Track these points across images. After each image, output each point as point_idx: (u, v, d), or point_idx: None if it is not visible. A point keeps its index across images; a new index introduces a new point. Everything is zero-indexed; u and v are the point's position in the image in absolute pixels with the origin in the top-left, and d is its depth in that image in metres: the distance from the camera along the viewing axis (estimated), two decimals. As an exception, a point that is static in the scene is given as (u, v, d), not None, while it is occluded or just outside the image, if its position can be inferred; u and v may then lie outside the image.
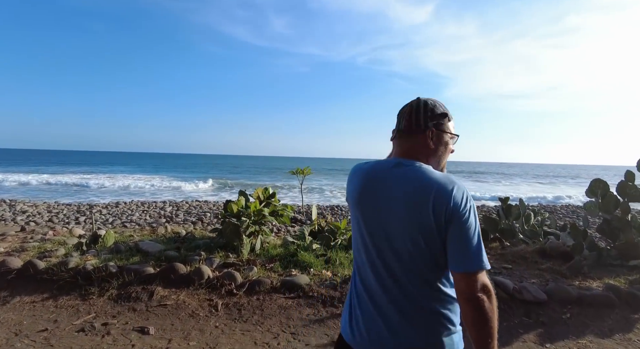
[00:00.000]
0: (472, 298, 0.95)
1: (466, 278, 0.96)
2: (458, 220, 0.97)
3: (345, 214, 9.38)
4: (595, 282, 3.86)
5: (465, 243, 0.97)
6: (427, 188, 0.99)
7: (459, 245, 0.97)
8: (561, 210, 11.67)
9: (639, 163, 4.89)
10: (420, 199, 0.98)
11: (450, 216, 0.97)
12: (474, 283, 0.95)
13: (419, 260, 1.01)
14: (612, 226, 4.82)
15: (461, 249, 0.97)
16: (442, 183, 0.99)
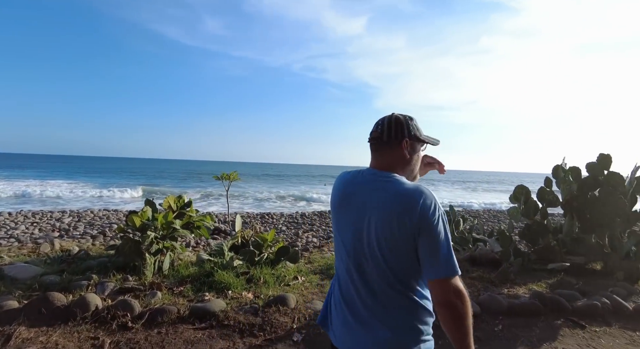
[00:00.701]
0: (447, 303, 1.01)
1: (440, 285, 1.01)
2: (428, 228, 1.03)
3: (275, 222, 8.94)
4: (521, 288, 3.97)
5: (436, 251, 1.02)
6: (398, 198, 1.05)
7: (430, 254, 1.02)
8: (484, 215, 12.59)
9: (554, 170, 5.29)
10: (391, 209, 1.05)
11: (420, 225, 1.03)
12: (448, 289, 1.01)
13: (393, 269, 1.07)
14: (532, 230, 5.11)
15: (433, 257, 1.02)
16: (411, 193, 1.05)
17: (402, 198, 1.05)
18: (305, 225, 8.69)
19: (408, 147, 1.18)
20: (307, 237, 6.91)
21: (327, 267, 4.34)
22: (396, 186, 1.09)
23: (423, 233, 1.03)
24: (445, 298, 1.01)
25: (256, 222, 8.69)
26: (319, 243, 6.38)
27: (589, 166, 4.89)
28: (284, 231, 7.47)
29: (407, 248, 1.04)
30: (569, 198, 4.74)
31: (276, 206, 16.24)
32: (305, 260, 4.80)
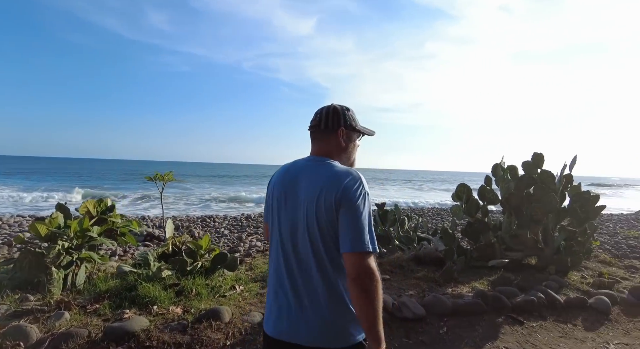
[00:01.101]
0: (355, 279, 1.03)
1: (351, 259, 1.05)
2: (347, 203, 1.08)
3: (217, 226, 8.46)
4: (465, 287, 4.03)
5: (352, 226, 1.07)
6: (327, 178, 1.13)
7: (346, 227, 1.07)
8: (428, 213, 13.08)
9: (493, 169, 5.51)
10: (320, 187, 1.12)
11: (341, 200, 1.09)
12: (357, 264, 1.04)
13: (323, 248, 1.12)
14: (474, 228, 5.28)
15: (348, 231, 1.07)
16: (340, 173, 1.14)
17: (331, 178, 1.13)
18: (250, 227, 8.32)
19: (344, 135, 1.26)
20: (251, 241, 6.58)
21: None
22: (328, 168, 1.17)
23: (342, 207, 1.09)
24: (354, 272, 1.03)
25: (195, 226, 8.15)
26: (263, 247, 6.08)
27: (525, 165, 5.14)
28: (225, 236, 7.07)
29: (331, 225, 1.10)
30: (508, 196, 4.95)
31: (222, 208, 15.57)
32: (246, 267, 4.51)
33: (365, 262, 1.04)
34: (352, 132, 1.29)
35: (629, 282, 4.49)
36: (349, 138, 1.28)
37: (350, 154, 1.30)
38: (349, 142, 1.29)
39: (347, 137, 1.28)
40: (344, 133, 1.26)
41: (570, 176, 4.88)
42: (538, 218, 4.61)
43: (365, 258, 1.04)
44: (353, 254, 1.04)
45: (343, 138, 1.26)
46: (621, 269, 5.14)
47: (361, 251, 1.04)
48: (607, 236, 8.38)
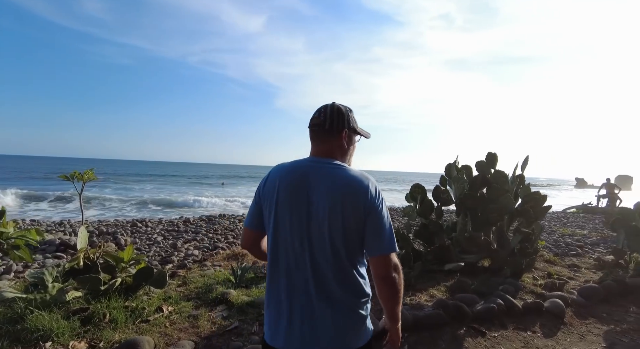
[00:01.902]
0: (388, 277, 1.18)
1: (383, 260, 1.17)
2: (374, 211, 1.17)
3: (149, 232, 7.60)
4: (423, 295, 3.83)
5: (382, 230, 1.17)
6: (349, 184, 1.17)
7: (376, 233, 1.17)
8: (380, 214, 13.11)
9: (446, 169, 5.44)
10: (343, 193, 1.16)
11: (369, 209, 1.17)
12: (389, 264, 1.17)
13: (341, 250, 1.17)
14: (428, 230, 5.15)
15: (378, 236, 1.17)
16: (361, 179, 1.19)
17: (353, 184, 1.17)
18: (188, 233, 7.58)
19: (346, 137, 1.28)
20: (188, 249, 5.92)
21: (206, 289, 3.57)
22: (345, 172, 1.20)
23: (371, 214, 1.16)
24: (386, 272, 1.16)
25: (123, 232, 7.23)
26: (201, 256, 5.46)
27: (478, 165, 5.12)
28: (158, 243, 6.32)
29: (357, 229, 1.16)
30: (462, 197, 4.87)
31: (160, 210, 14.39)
32: (178, 281, 3.93)
33: (396, 262, 1.18)
34: (353, 134, 1.31)
35: (575, 282, 4.61)
36: (350, 141, 1.30)
37: (350, 156, 1.33)
38: (350, 144, 1.31)
39: (349, 139, 1.29)
40: (347, 135, 1.28)
41: (523, 176, 4.92)
42: (494, 219, 4.57)
43: (395, 258, 1.18)
44: (387, 256, 1.16)
45: (345, 141, 1.28)
46: (565, 268, 5.32)
47: (393, 252, 1.17)
48: (546, 234, 8.87)
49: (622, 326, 3.51)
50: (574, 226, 11.11)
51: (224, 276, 3.99)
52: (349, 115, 1.29)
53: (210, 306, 3.18)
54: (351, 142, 1.31)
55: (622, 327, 3.48)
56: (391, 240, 1.16)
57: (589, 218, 13.71)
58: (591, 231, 9.99)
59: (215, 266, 4.75)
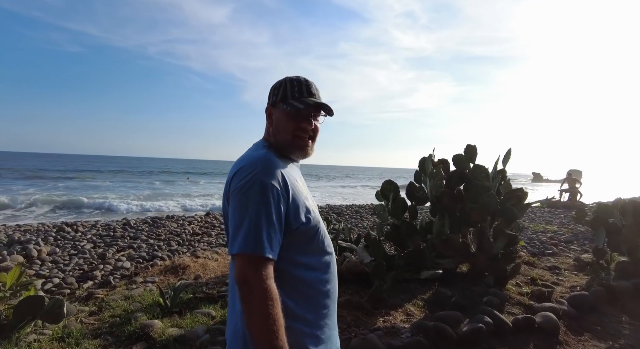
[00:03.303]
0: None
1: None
2: (232, 198, 1.04)
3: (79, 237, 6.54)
4: (398, 314, 3.30)
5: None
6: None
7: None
8: (347, 211, 12.64)
9: (420, 163, 4.96)
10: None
11: (229, 195, 1.07)
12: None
13: None
14: (400, 232, 4.66)
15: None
16: (238, 160, 1.12)
17: (232, 168, 1.11)
18: (125, 239, 6.63)
19: (267, 113, 1.24)
20: (118, 260, 5.05)
21: (125, 318, 2.82)
22: (243, 155, 1.17)
23: (230, 204, 1.05)
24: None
25: (45, 239, 6.17)
26: (132, 270, 4.63)
27: (456, 158, 4.67)
28: (84, 252, 5.39)
29: None
30: (439, 195, 4.40)
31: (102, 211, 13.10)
32: (92, 307, 3.14)
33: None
34: (274, 107, 1.21)
35: (560, 288, 4.29)
36: (270, 116, 1.23)
37: (275, 136, 1.20)
38: (271, 119, 1.22)
39: (269, 114, 1.24)
40: (269, 111, 1.23)
41: (505, 171, 4.52)
42: (474, 220, 4.14)
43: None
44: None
45: (267, 116, 1.24)
46: (546, 271, 5.03)
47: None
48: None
49: (620, 341, 3.17)
50: (542, 222, 11.18)
51: (153, 299, 3.26)
52: (275, 88, 1.21)
53: (124, 345, 2.45)
54: (271, 117, 1.21)
55: (620, 343, 3.14)
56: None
57: (554, 213, 14.01)
58: (560, 226, 10.04)
59: (147, 282, 3.97)
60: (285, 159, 1.19)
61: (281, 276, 1.05)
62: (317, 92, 1.22)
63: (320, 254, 1.17)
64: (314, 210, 1.17)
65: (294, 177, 1.15)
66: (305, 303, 1.11)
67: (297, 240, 1.11)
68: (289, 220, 1.06)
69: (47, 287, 3.87)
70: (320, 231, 1.18)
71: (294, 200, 1.08)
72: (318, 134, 1.25)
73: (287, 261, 1.08)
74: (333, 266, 1.23)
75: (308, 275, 1.12)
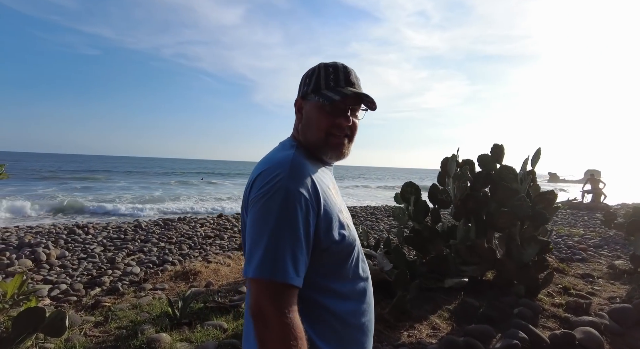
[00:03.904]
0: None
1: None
2: (252, 207, 0.87)
3: (90, 240, 6.45)
4: (423, 327, 3.07)
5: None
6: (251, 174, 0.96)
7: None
8: (361, 213, 12.39)
9: (443, 164, 4.71)
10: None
11: (249, 207, 0.89)
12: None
13: None
14: (422, 237, 4.42)
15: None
16: (260, 164, 0.95)
17: (253, 172, 0.95)
18: (136, 242, 6.52)
19: (296, 106, 1.07)
20: (128, 264, 4.92)
21: (131, 331, 2.65)
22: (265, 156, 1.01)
23: (249, 215, 0.89)
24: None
25: (55, 242, 6.10)
26: (142, 275, 4.49)
27: (481, 159, 4.41)
28: (93, 256, 5.28)
29: None
30: (464, 198, 4.14)
31: (114, 211, 13.12)
32: (98, 317, 2.99)
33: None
34: (305, 100, 1.04)
35: (598, 298, 3.98)
36: (299, 109, 1.05)
37: (305, 133, 1.02)
38: (300, 113, 1.05)
39: (299, 107, 1.06)
40: (298, 104, 1.06)
41: (534, 172, 4.24)
42: (503, 225, 3.87)
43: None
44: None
45: (296, 110, 1.07)
46: (579, 279, 4.72)
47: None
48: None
49: (671, 360, 2.88)
50: (565, 224, 10.76)
51: (162, 308, 3.09)
52: (307, 77, 1.04)
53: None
54: (301, 111, 1.04)
55: (671, 363, 2.85)
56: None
57: (577, 215, 13.51)
58: (585, 229, 9.62)
59: (156, 289, 3.82)
60: (316, 161, 1.02)
61: (306, 306, 0.87)
62: (357, 81, 1.03)
63: (354, 279, 0.98)
64: (349, 225, 0.98)
65: (326, 184, 0.97)
66: (336, 340, 0.92)
67: (328, 262, 0.92)
68: (319, 237, 0.88)
69: (54, 294, 3.75)
70: (356, 251, 0.99)
71: (326, 213, 0.90)
72: (357, 132, 1.04)
73: (313, 287, 0.89)
74: (369, 295, 1.03)
75: (339, 305, 0.93)
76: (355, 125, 1.03)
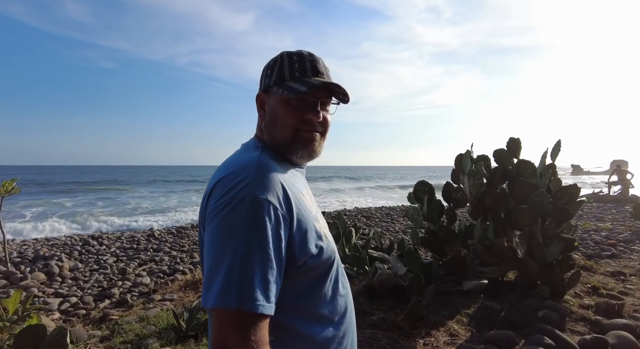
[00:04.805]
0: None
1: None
2: (210, 221, 0.74)
3: (103, 251, 6.51)
4: (440, 333, 2.92)
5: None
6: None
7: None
8: (376, 214, 12.21)
9: (457, 161, 4.54)
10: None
11: (205, 222, 0.78)
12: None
13: None
14: (438, 238, 4.25)
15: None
16: (219, 169, 0.83)
17: (211, 179, 0.83)
18: (148, 251, 6.54)
19: (258, 101, 0.95)
20: (138, 275, 4.91)
21: (136, 345, 2.60)
22: (225, 160, 0.89)
23: (207, 227, 0.75)
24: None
25: (70, 254, 6.17)
26: (152, 286, 4.47)
27: (497, 154, 4.23)
28: (105, 268, 5.31)
29: None
30: (480, 195, 3.97)
31: (130, 220, 13.28)
32: (104, 331, 2.95)
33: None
34: (267, 94, 0.93)
35: (631, 298, 3.74)
36: (262, 104, 0.94)
37: (270, 132, 0.91)
38: (262, 109, 0.94)
39: (261, 102, 0.94)
40: (260, 98, 0.94)
41: (554, 166, 4.03)
42: (523, 223, 3.68)
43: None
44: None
45: (258, 106, 0.96)
46: (609, 277, 4.46)
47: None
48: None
49: None
50: (592, 218, 10.35)
51: (168, 321, 3.03)
52: (269, 68, 0.92)
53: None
54: (264, 107, 0.93)
55: None
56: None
57: (604, 208, 12.99)
58: (614, 223, 9.21)
59: (165, 300, 3.78)
60: (285, 163, 0.90)
61: (277, 335, 0.75)
62: (325, 71, 0.92)
63: (334, 298, 0.87)
64: (326, 235, 0.87)
65: (298, 189, 0.85)
66: None
67: (303, 280, 0.81)
68: (293, 252, 0.76)
69: (64, 307, 3.75)
70: (335, 265, 0.88)
71: (299, 223, 0.78)
72: (329, 127, 0.93)
73: (285, 311, 0.77)
74: (350, 313, 0.92)
75: (317, 330, 0.82)
76: (326, 120, 0.92)
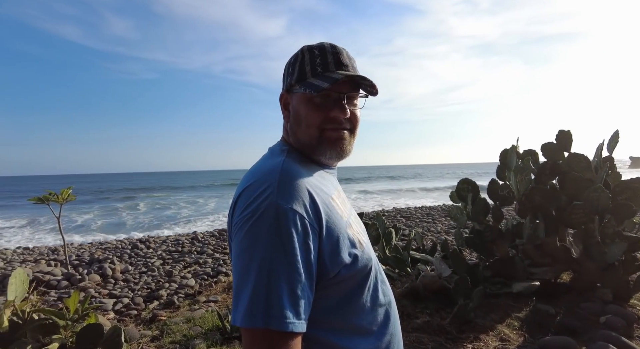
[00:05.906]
0: None
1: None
2: (235, 238, 0.72)
3: (150, 253, 6.85)
4: (490, 338, 2.80)
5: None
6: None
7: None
8: (416, 214, 11.96)
9: (502, 156, 4.34)
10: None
11: (232, 234, 0.75)
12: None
13: None
14: (484, 239, 4.09)
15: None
16: (245, 177, 0.80)
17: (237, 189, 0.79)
18: (193, 254, 6.81)
19: (282, 102, 0.92)
20: (184, 277, 5.11)
21: (184, 346, 2.70)
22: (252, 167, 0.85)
23: (234, 240, 0.72)
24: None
25: (120, 256, 6.55)
26: (197, 288, 4.64)
27: (545, 147, 4.01)
28: (153, 270, 5.58)
29: None
30: (529, 192, 3.78)
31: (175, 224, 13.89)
32: (154, 331, 3.10)
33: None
34: (290, 93, 0.88)
35: None
36: (286, 105, 0.90)
37: (295, 132, 0.86)
38: (287, 110, 0.90)
39: (285, 102, 0.91)
40: (284, 98, 0.91)
41: (612, 159, 3.76)
42: (578, 221, 3.46)
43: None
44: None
45: (282, 107, 0.92)
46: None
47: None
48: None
49: None
50: (656, 215, 9.54)
51: (213, 322, 3.13)
52: (290, 65, 0.87)
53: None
54: (288, 108, 0.89)
55: None
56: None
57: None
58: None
59: (209, 302, 3.91)
60: (312, 166, 0.85)
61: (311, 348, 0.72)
62: (350, 62, 0.85)
63: (374, 308, 0.80)
64: (361, 241, 0.80)
65: (327, 193, 0.80)
66: None
67: (338, 292, 0.75)
68: (324, 263, 0.71)
69: (118, 307, 3.99)
70: (374, 272, 0.82)
71: (330, 231, 0.72)
72: (359, 123, 0.87)
73: (320, 325, 0.73)
74: (394, 321, 0.86)
75: (356, 343, 0.76)
76: (355, 116, 0.85)
